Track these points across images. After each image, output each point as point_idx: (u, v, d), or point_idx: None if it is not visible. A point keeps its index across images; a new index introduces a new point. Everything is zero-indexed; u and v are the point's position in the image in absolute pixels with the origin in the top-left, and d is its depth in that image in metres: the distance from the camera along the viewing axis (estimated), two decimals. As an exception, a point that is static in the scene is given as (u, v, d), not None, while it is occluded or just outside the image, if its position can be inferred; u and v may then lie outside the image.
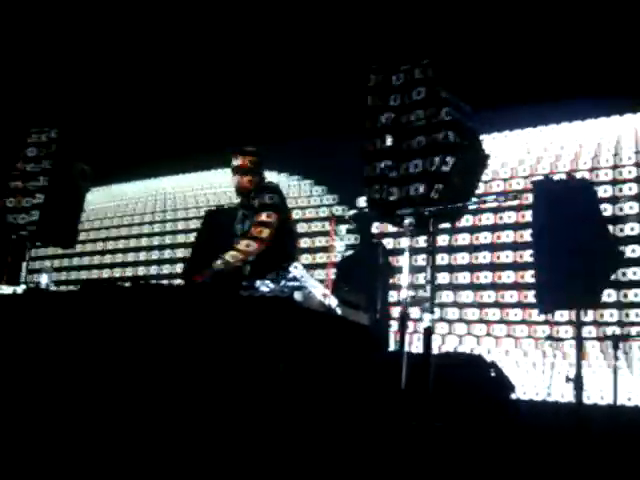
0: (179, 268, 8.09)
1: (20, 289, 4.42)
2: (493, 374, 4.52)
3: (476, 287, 6.36)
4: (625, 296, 5.76)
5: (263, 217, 4.55)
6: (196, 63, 7.58)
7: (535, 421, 5.08)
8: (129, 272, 8.76)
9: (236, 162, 4.79)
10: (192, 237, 7.97)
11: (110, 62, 7.77)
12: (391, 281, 5.69)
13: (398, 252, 6.14)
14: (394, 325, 5.60)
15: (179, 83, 7.83)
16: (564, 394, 5.43)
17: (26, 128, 5.57)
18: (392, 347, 5.15)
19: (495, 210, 6.41)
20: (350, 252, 6.34)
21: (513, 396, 4.71)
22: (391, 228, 6.52)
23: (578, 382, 4.50)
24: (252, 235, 4.52)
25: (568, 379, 4.56)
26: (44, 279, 4.74)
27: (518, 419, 4.65)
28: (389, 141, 3.92)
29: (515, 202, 6.00)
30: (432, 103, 3.89)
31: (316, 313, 3.36)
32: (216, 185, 8.49)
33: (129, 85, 8.00)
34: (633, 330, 5.67)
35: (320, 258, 6.74)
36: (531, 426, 4.77)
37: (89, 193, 5.88)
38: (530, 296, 5.95)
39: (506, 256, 6.30)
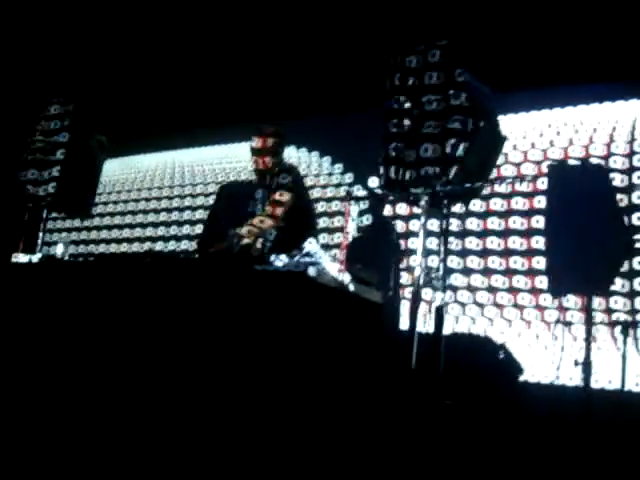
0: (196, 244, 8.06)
1: (36, 258, 4.46)
2: (502, 356, 4.54)
3: (487, 271, 6.34)
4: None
5: (277, 196, 4.55)
6: (216, 36, 7.55)
7: (542, 404, 5.09)
8: (146, 247, 8.75)
9: (256, 143, 4.71)
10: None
11: (127, 32, 7.75)
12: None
13: (410, 234, 6.17)
14: (406, 304, 5.63)
15: (198, 55, 7.79)
16: (572, 378, 5.44)
17: (43, 100, 5.60)
18: (404, 325, 5.18)
19: (506, 195, 6.39)
20: (363, 232, 6.35)
21: (521, 378, 4.74)
22: (402, 210, 6.54)
23: (586, 366, 4.51)
24: (266, 213, 4.53)
25: (577, 363, 4.58)
26: (60, 250, 4.77)
27: (525, 401, 4.68)
28: (407, 121, 3.91)
29: (528, 186, 6.00)
30: (450, 84, 3.88)
31: (329, 289, 3.38)
32: (235, 159, 8.47)
33: (147, 56, 7.98)
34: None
35: (337, 238, 6.77)
36: (538, 408, 4.79)
37: (106, 164, 5.90)
38: (542, 280, 5.94)
39: (514, 242, 6.28)
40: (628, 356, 5.06)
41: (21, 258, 4.43)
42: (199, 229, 8.25)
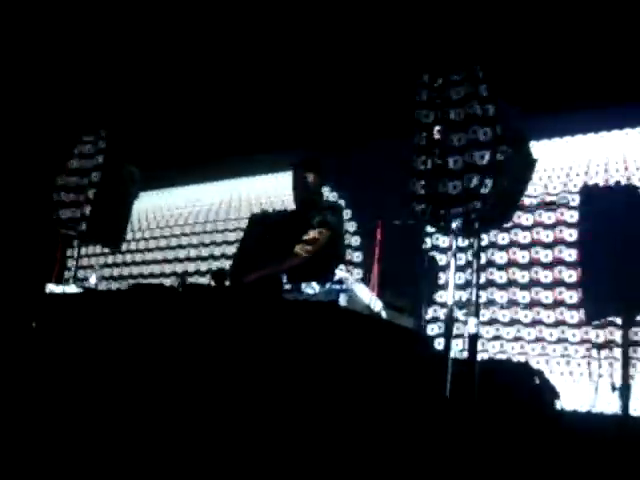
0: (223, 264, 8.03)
1: (70, 288, 4.50)
2: (538, 382, 4.48)
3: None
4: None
5: (315, 234, 4.52)
6: (243, 63, 7.63)
7: (579, 431, 5.01)
8: (178, 268, 8.78)
9: (296, 178, 4.74)
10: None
11: (158, 64, 7.85)
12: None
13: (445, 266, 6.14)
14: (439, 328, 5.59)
15: (228, 83, 7.86)
16: (610, 404, 5.33)
17: (76, 132, 5.69)
18: (437, 350, 5.13)
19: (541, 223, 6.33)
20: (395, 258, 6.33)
21: (558, 404, 4.66)
22: (436, 241, 6.51)
23: (624, 391, 4.44)
24: (301, 250, 4.49)
25: (614, 388, 4.51)
26: (92, 278, 4.82)
27: (562, 428, 4.60)
28: (437, 136, 3.89)
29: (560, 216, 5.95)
30: (478, 106, 3.87)
31: (361, 316, 3.36)
32: (264, 192, 8.48)
33: (179, 86, 8.07)
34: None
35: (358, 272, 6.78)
36: (575, 436, 4.70)
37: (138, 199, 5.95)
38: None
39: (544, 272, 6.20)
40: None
41: (55, 289, 4.47)
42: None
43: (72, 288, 4.61)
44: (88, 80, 8.00)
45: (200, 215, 9.05)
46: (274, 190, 8.19)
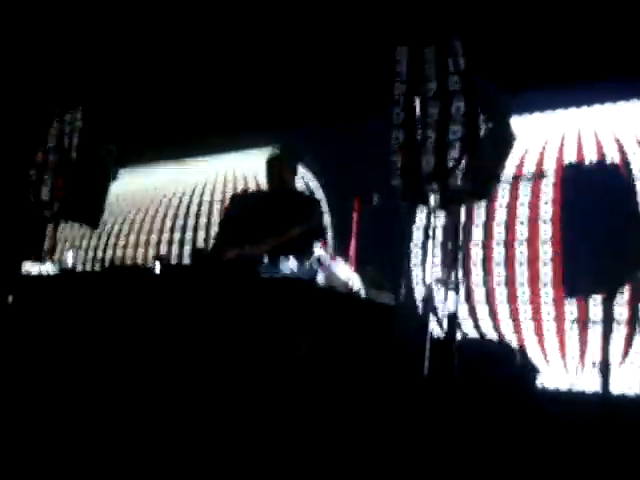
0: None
1: (46, 267, 4.44)
2: (519, 358, 4.48)
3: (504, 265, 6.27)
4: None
5: (294, 231, 4.47)
6: (218, 41, 7.54)
7: (560, 408, 5.02)
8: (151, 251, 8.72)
9: (272, 167, 4.64)
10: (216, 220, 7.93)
11: (135, 40, 7.74)
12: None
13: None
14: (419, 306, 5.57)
15: (205, 61, 7.77)
16: (590, 382, 5.33)
17: (53, 110, 5.61)
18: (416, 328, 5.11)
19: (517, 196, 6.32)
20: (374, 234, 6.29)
21: (538, 381, 4.67)
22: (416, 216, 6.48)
23: (604, 368, 4.44)
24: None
25: (594, 364, 4.51)
26: (69, 258, 4.75)
27: (542, 406, 4.61)
28: (417, 112, 3.85)
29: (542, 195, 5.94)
30: (458, 84, 3.83)
31: (339, 294, 3.34)
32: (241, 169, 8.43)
33: (156, 64, 7.97)
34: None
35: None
36: (555, 414, 4.71)
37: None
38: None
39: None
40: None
41: (31, 267, 4.42)
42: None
43: (48, 267, 4.56)
44: (64, 58, 7.89)
45: (180, 196, 8.98)
46: (251, 170, 8.16)
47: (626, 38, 5.81)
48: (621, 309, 5.34)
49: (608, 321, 4.77)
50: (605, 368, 4.42)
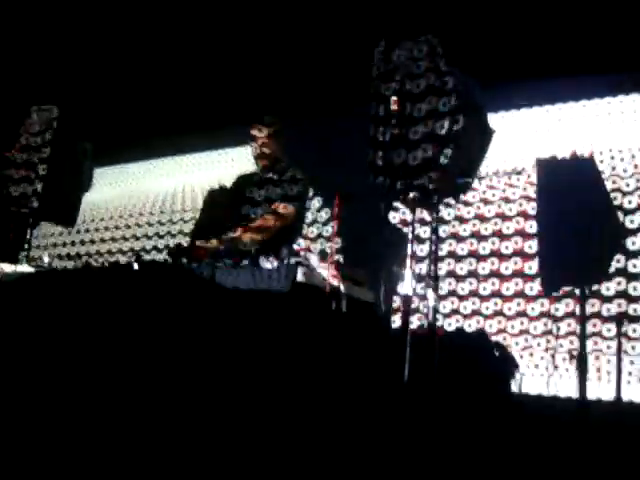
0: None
1: (23, 268, 4.40)
2: (497, 353, 4.50)
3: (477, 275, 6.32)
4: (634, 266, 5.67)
5: (281, 208, 4.52)
6: (191, 41, 7.50)
7: (538, 407, 5.07)
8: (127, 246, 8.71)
9: (256, 131, 4.71)
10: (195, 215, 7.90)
11: (113, 34, 7.68)
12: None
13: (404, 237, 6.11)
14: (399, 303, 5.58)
15: (183, 58, 7.73)
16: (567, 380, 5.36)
17: (26, 106, 5.53)
18: (396, 324, 5.12)
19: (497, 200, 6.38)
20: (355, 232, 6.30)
21: (518, 376, 4.69)
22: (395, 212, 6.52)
23: (582, 362, 4.46)
24: (264, 224, 4.46)
25: (572, 356, 4.54)
26: (45, 257, 4.72)
27: (521, 403, 4.64)
28: (394, 107, 3.84)
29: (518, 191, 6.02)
30: (437, 79, 3.83)
31: (319, 290, 3.34)
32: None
33: (134, 59, 7.90)
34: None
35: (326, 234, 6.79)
36: (533, 411, 4.75)
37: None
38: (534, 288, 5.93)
39: (506, 247, 6.25)
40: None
41: (7, 268, 4.38)
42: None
43: (25, 268, 4.52)
44: (38, 54, 7.81)
45: (157, 193, 8.94)
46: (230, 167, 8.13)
47: (602, 36, 5.86)
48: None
49: (583, 316, 4.79)
50: (582, 366, 4.44)
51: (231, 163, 8.12)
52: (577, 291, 4.84)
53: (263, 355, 3.00)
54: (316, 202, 7.13)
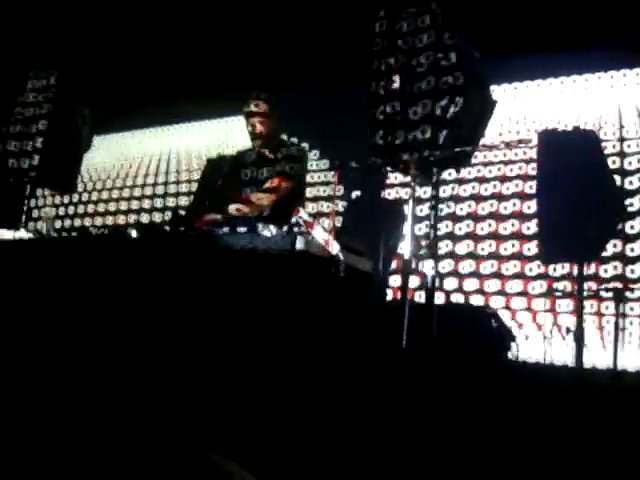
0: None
1: (21, 234, 4.39)
2: (495, 324, 4.52)
3: (475, 237, 6.34)
4: (632, 250, 5.70)
5: (277, 182, 4.50)
6: (188, 9, 7.44)
7: (534, 377, 5.08)
8: (132, 219, 8.73)
9: (250, 106, 4.65)
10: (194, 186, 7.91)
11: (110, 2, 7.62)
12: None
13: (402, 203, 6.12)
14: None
15: (182, 25, 7.66)
16: (564, 352, 5.38)
17: (24, 71, 5.49)
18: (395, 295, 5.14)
19: (497, 162, 6.38)
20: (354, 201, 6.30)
21: (514, 347, 4.70)
22: (394, 180, 6.52)
23: (579, 336, 4.48)
24: (260, 199, 4.46)
25: (569, 330, 4.55)
26: (44, 225, 4.70)
27: (518, 373, 4.66)
28: (395, 84, 3.83)
29: (519, 153, 6.00)
30: (440, 47, 3.80)
31: (318, 258, 3.32)
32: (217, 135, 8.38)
33: (132, 25, 7.84)
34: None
35: (326, 207, 6.76)
36: (529, 383, 4.76)
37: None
38: (532, 249, 5.95)
39: (505, 207, 6.27)
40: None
41: (5, 234, 4.37)
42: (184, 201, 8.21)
43: (22, 234, 4.50)
44: (35, 20, 7.74)
45: (154, 161, 8.93)
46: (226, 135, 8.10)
47: (603, 9, 5.81)
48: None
49: (581, 290, 4.80)
50: (580, 337, 4.46)
51: (230, 130, 8.08)
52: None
53: (262, 317, 3.01)
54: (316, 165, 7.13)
